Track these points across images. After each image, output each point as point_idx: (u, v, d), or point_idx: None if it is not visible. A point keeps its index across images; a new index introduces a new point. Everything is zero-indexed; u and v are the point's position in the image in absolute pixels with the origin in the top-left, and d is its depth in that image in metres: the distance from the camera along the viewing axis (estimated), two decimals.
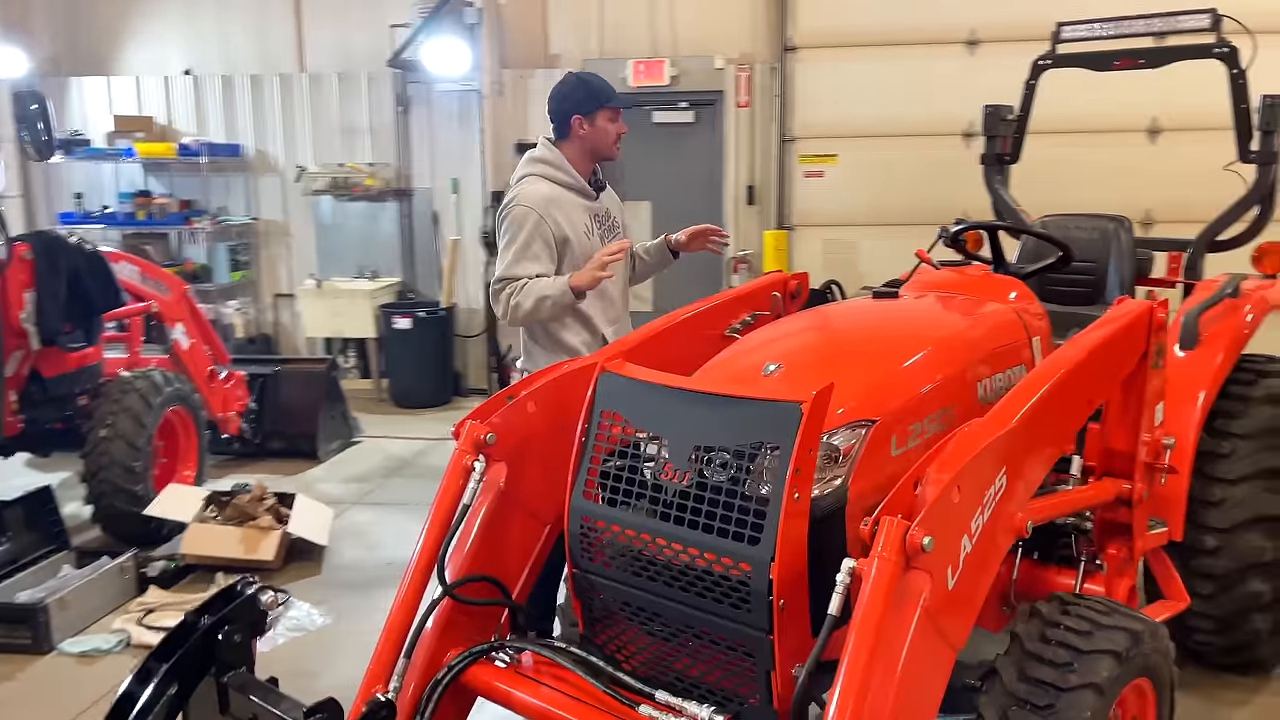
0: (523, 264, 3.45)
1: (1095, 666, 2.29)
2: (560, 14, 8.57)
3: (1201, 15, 4.14)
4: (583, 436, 2.53)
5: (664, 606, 2.36)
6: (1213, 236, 4.16)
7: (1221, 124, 7.55)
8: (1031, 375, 2.41)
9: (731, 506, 2.22)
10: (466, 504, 2.55)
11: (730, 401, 2.31)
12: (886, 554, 1.88)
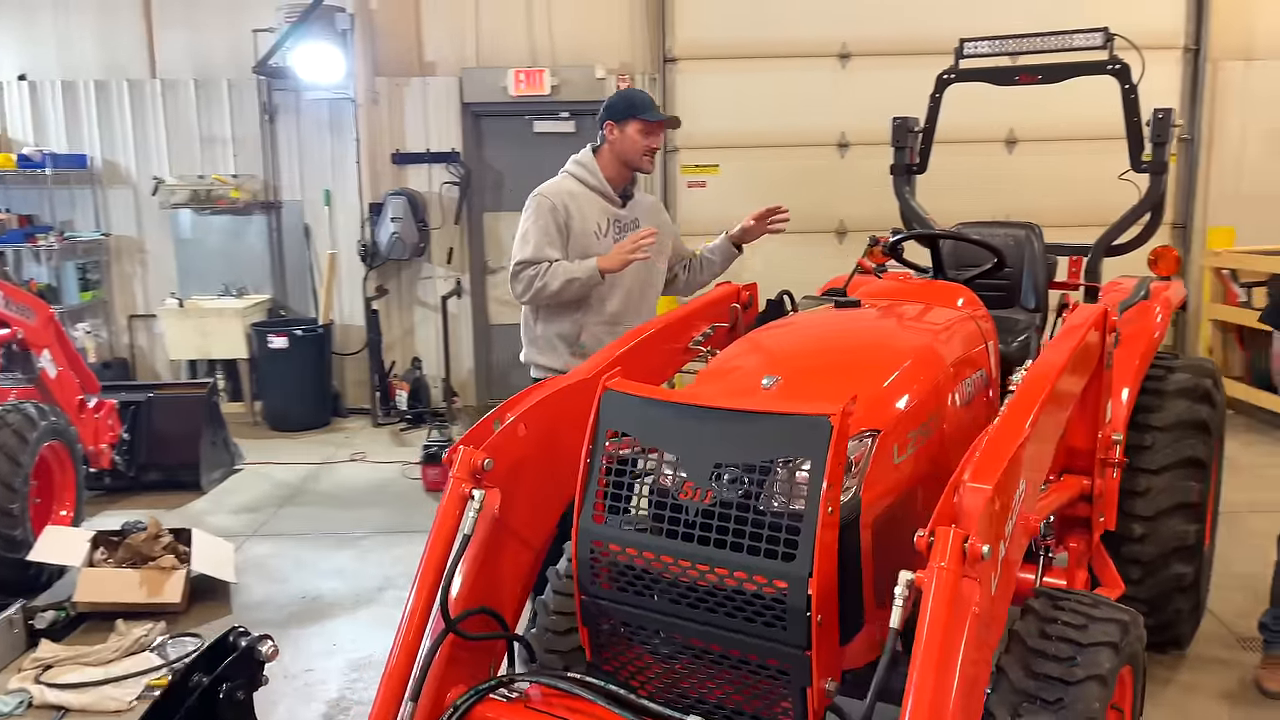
0: (544, 249, 3.74)
1: (1097, 658, 2.38)
2: (434, 21, 8.36)
3: (1094, 34, 4.41)
4: (588, 458, 2.46)
5: (687, 629, 2.31)
6: (1110, 242, 4.42)
7: (1068, 135, 8.24)
8: (1029, 381, 2.48)
9: (761, 523, 2.20)
10: (467, 535, 2.42)
11: (751, 417, 2.29)
12: (946, 564, 1.89)
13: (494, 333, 8.80)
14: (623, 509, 2.39)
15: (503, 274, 8.70)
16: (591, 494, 2.44)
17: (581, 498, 2.45)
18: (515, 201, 8.42)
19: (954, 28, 8.05)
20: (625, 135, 3.86)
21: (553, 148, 8.49)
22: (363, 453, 7.24)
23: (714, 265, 4.21)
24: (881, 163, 8.26)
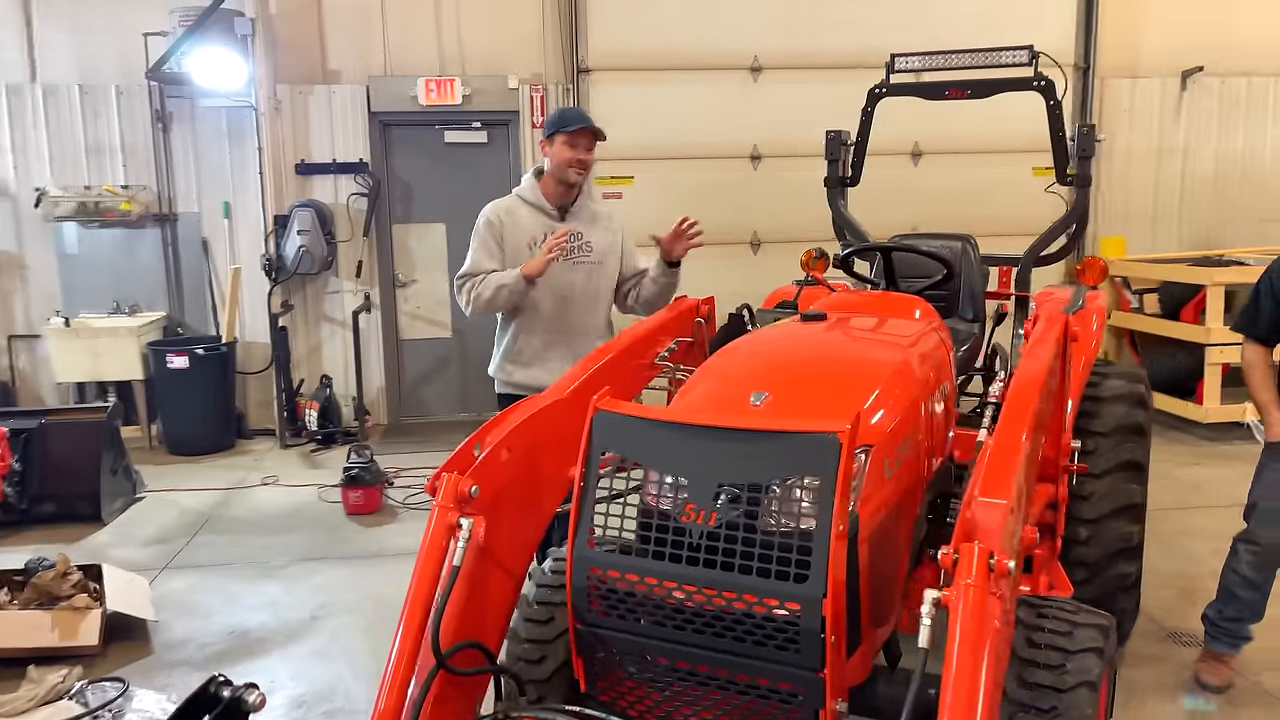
0: (480, 261, 3.99)
1: (1085, 664, 2.41)
2: (338, 28, 8.10)
3: (1020, 51, 4.53)
4: (581, 481, 2.37)
5: (692, 655, 2.25)
6: (1039, 253, 4.55)
7: (971, 149, 8.50)
8: (1017, 393, 2.50)
9: (770, 544, 2.16)
10: (457, 566, 2.30)
11: (756, 435, 2.24)
12: (973, 581, 1.88)
13: (405, 348, 8.57)
14: (621, 533, 2.31)
15: (414, 287, 8.52)
16: (586, 519, 2.35)
17: (575, 523, 2.36)
18: (426, 213, 8.37)
19: (862, 43, 8.33)
20: (554, 151, 4.01)
21: (464, 158, 8.37)
22: (274, 476, 6.93)
23: (656, 285, 4.12)
24: (793, 175, 8.50)
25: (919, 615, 1.88)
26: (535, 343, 4.03)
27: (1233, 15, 8.85)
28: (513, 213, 4.06)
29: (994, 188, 8.62)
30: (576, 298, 4.04)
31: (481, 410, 8.64)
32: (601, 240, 4.10)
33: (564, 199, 4.07)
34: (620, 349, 3.11)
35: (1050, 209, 9.15)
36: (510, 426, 2.56)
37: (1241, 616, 3.86)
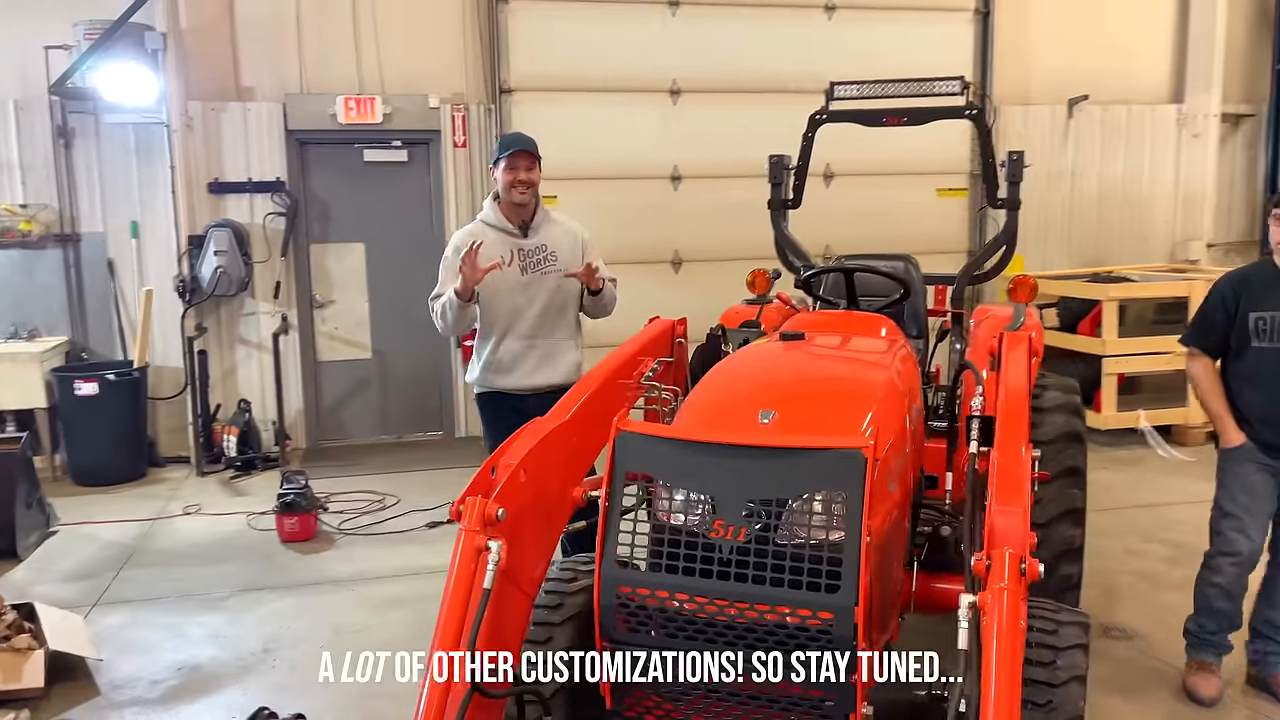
0: (445, 284, 4.21)
1: (1074, 660, 2.58)
2: (251, 44, 7.92)
3: (953, 81, 4.78)
4: (606, 500, 2.43)
5: (724, 665, 2.32)
6: (973, 272, 4.80)
7: (878, 171, 8.84)
8: (1009, 407, 2.67)
9: (801, 556, 2.25)
10: (488, 589, 2.32)
11: (780, 452, 2.34)
12: (1007, 585, 2.01)
13: (323, 370, 8.39)
14: (651, 551, 2.37)
15: (332, 308, 8.37)
16: (613, 538, 2.41)
17: (602, 543, 2.41)
18: (344, 232, 8.26)
19: (777, 70, 8.61)
20: (499, 176, 4.33)
21: (384, 177, 8.29)
22: (196, 505, 6.69)
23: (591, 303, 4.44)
24: (713, 195, 8.71)
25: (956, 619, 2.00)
26: (514, 349, 4.29)
27: (1112, 48, 9.47)
28: (478, 237, 4.22)
29: (900, 208, 9.00)
30: (547, 304, 4.31)
31: (403, 432, 8.55)
32: (565, 250, 4.37)
33: (522, 217, 4.36)
34: (609, 371, 3.17)
35: (954, 228, 9.66)
36: (525, 449, 2.60)
37: (1221, 628, 4.00)
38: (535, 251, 4.32)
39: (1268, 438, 3.82)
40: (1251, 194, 10.14)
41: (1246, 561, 3.90)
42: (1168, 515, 6.15)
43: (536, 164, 4.33)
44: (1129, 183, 9.71)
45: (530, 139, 4.38)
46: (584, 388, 3.01)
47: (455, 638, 2.29)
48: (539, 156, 4.34)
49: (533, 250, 4.33)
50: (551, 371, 4.33)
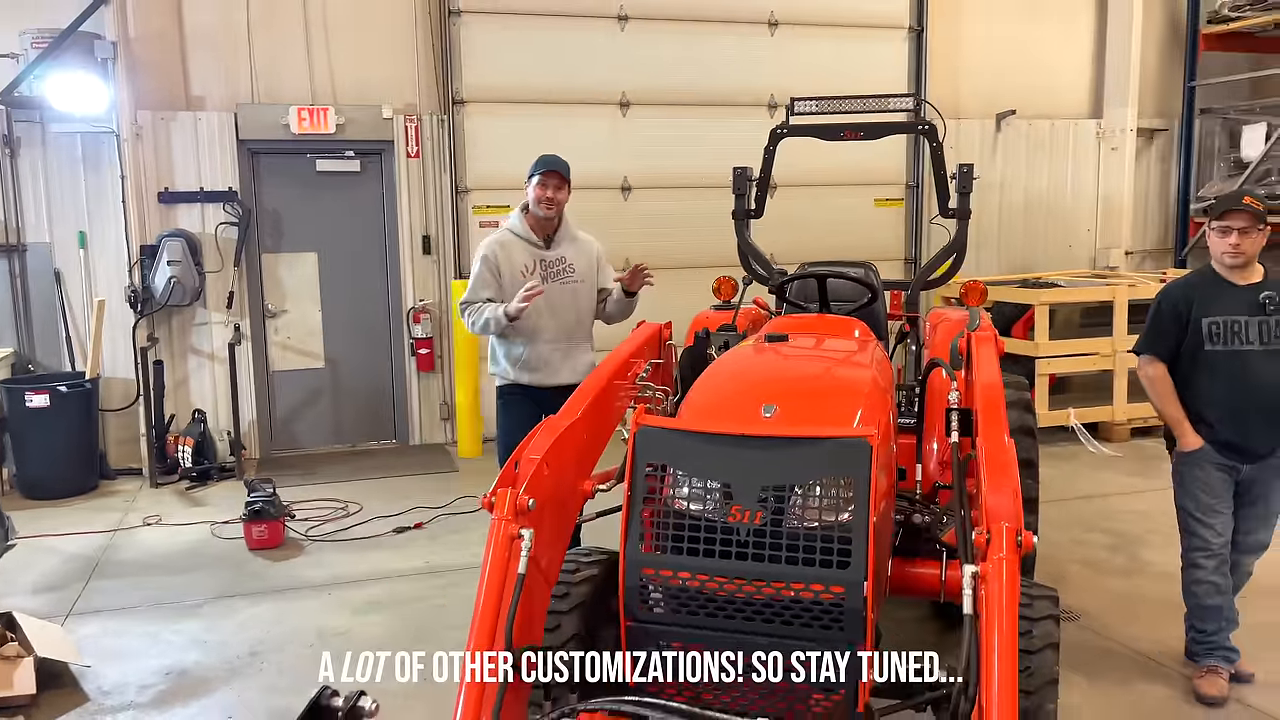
0: (477, 290, 4.61)
1: (1047, 629, 2.84)
2: (201, 54, 7.90)
3: (907, 98, 5.08)
4: (629, 491, 2.60)
5: (743, 640, 2.51)
6: (926, 278, 5.09)
7: (818, 182, 9.15)
8: (989, 399, 2.92)
9: (814, 536, 2.46)
10: (522, 574, 2.47)
11: (791, 442, 2.55)
12: (1005, 555, 2.24)
13: (276, 379, 8.38)
14: (673, 536, 2.55)
15: (285, 318, 8.37)
16: (636, 524, 2.58)
17: (626, 529, 2.58)
18: (297, 242, 8.29)
19: (723, 84, 8.89)
20: (530, 192, 4.68)
21: (337, 187, 8.33)
22: (156, 516, 6.65)
23: (619, 306, 4.86)
24: (661, 205, 8.94)
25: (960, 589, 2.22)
26: (542, 351, 4.65)
27: (1036, 66, 9.97)
28: (505, 246, 4.65)
29: (840, 218, 9.34)
30: (569, 311, 4.70)
31: (356, 441, 8.58)
32: (582, 262, 4.76)
33: (547, 230, 4.71)
34: (610, 373, 3.35)
35: (891, 237, 10.03)
36: (547, 445, 2.76)
37: (1220, 627, 4.09)
38: (556, 262, 4.68)
39: (1225, 437, 3.97)
40: (1165, 204, 10.74)
41: (1220, 555, 4.05)
42: (1105, 506, 6.53)
43: (566, 184, 4.68)
44: (1053, 193, 10.21)
45: (564, 161, 4.71)
46: (589, 388, 3.18)
47: (493, 620, 2.44)
48: (569, 178, 4.68)
49: (554, 261, 4.68)
50: (571, 371, 4.66)
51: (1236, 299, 3.91)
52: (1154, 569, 5.43)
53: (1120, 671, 4.27)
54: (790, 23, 9.04)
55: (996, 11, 9.80)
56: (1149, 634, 4.60)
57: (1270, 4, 9.42)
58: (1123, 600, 5.00)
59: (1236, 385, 3.91)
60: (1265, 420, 3.91)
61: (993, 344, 3.49)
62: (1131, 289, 8.42)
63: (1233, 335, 3.90)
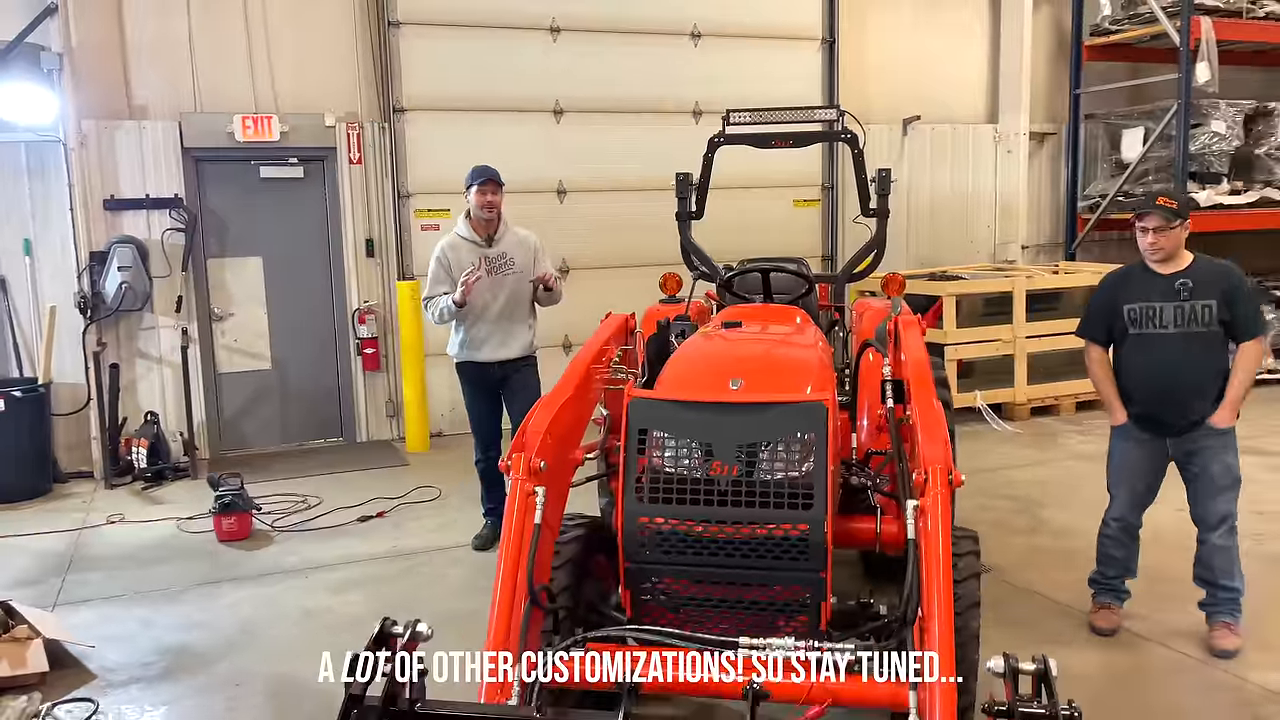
0: (434, 286, 5.62)
1: (970, 562, 3.40)
2: (143, 63, 8.06)
3: (831, 109, 5.63)
4: (624, 453, 3.07)
5: (724, 574, 3.00)
6: (850, 272, 5.66)
7: (741, 184, 9.73)
8: (917, 371, 3.47)
9: (783, 484, 2.96)
10: (538, 524, 2.91)
11: (762, 407, 3.05)
12: (940, 491, 2.77)
13: (224, 381, 8.58)
14: (663, 489, 3.02)
15: (231, 321, 8.59)
16: (631, 480, 3.06)
17: (623, 484, 3.05)
18: (242, 247, 8.55)
19: (651, 91, 9.38)
20: (471, 199, 5.64)
21: (280, 193, 8.58)
22: (119, 514, 6.84)
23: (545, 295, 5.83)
24: (595, 208, 9.41)
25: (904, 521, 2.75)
26: (484, 331, 5.63)
27: (937, 75, 10.73)
28: (455, 247, 5.63)
29: (761, 218, 9.92)
30: (507, 298, 5.63)
31: (304, 440, 8.83)
32: (520, 257, 5.72)
33: (488, 231, 5.65)
34: (590, 357, 3.81)
35: (808, 236, 10.64)
36: (549, 417, 3.20)
37: (1119, 574, 4.64)
38: (498, 258, 5.62)
39: (1144, 412, 4.39)
40: (1056, 202, 11.62)
41: (1128, 519, 4.54)
42: (1009, 476, 7.23)
43: (500, 190, 5.64)
44: (955, 193, 10.99)
45: (495, 170, 5.70)
46: (575, 370, 3.63)
47: (516, 562, 2.88)
48: (502, 184, 5.67)
49: (495, 257, 5.61)
50: (510, 348, 5.68)
51: (1156, 286, 4.32)
52: (1051, 526, 6.12)
53: (1025, 610, 4.89)
54: (712, 34, 9.58)
55: (900, 25, 10.53)
56: (1048, 579, 5.24)
57: (1146, 18, 10.33)
58: (1026, 553, 5.64)
59: (1154, 365, 4.32)
60: (1179, 397, 4.30)
61: (917, 327, 4.05)
62: (1029, 280, 9.21)
63: (1148, 319, 4.33)
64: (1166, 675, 4.23)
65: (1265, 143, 10.42)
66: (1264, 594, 4.78)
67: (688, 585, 3.04)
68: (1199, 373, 4.29)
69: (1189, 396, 4.32)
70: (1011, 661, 2.32)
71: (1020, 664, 2.32)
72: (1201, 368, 4.29)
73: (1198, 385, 4.31)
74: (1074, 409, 9.29)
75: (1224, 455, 4.33)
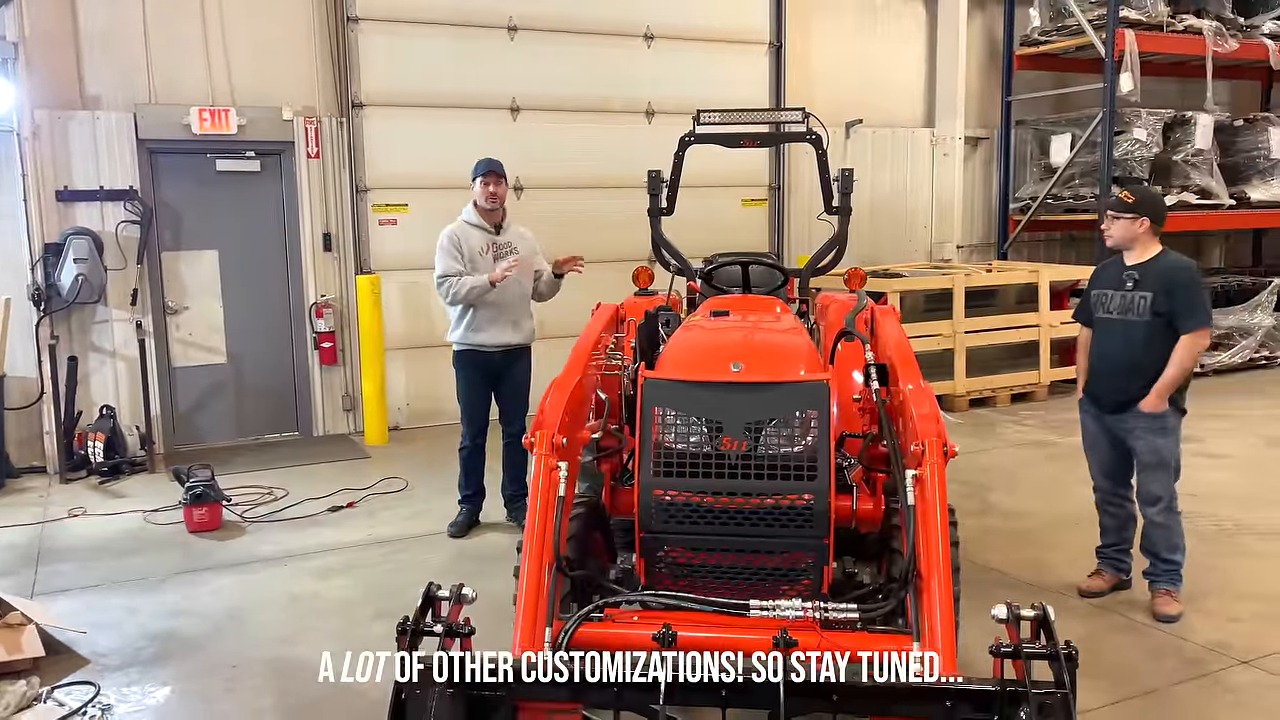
0: (451, 265, 5.73)
1: (954, 533, 3.66)
2: (96, 53, 7.98)
3: (796, 111, 5.87)
4: (640, 430, 3.26)
5: (734, 542, 3.22)
6: (815, 266, 5.92)
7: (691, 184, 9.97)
8: (900, 353, 3.73)
9: (789, 457, 3.19)
10: (562, 497, 3.09)
11: (769, 386, 3.27)
12: (936, 461, 3.03)
13: (179, 375, 8.53)
14: (677, 463, 3.22)
15: (186, 314, 8.53)
16: (647, 455, 3.26)
17: (639, 459, 3.24)
18: (198, 240, 8.53)
19: (605, 92, 9.57)
20: (475, 190, 5.90)
21: (237, 187, 8.56)
22: (81, 507, 6.79)
23: (549, 285, 6.15)
24: (551, 205, 9.56)
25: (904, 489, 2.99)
26: (488, 315, 5.83)
27: (878, 81, 11.14)
28: (465, 232, 5.87)
29: (711, 216, 10.17)
30: (514, 285, 5.84)
31: (260, 434, 8.81)
32: (523, 248, 6.00)
33: (495, 220, 5.94)
34: (590, 344, 4.00)
35: (756, 233, 10.91)
36: (565, 398, 3.38)
37: (1113, 543, 4.96)
38: (505, 245, 5.92)
39: (1089, 390, 4.87)
40: (989, 204, 12.13)
41: (1103, 486, 4.93)
42: (952, 464, 7.43)
43: (503, 181, 5.92)
44: (895, 194, 11.41)
45: (499, 162, 5.96)
46: (580, 355, 3.82)
47: (543, 532, 3.05)
48: (504, 175, 5.94)
49: (503, 244, 5.93)
50: (513, 334, 5.93)
51: (1115, 275, 4.76)
52: (1000, 509, 6.48)
53: (980, 587, 5.18)
54: (665, 36, 9.81)
55: (843, 31, 10.92)
56: (1000, 557, 5.58)
57: (1073, 30, 10.86)
58: (980, 534, 5.97)
59: (1100, 347, 4.81)
60: (1112, 376, 4.74)
61: (894, 315, 4.32)
62: (968, 278, 9.64)
63: (1102, 305, 4.79)
64: (1115, 637, 4.56)
65: (1182, 150, 11.03)
66: (1201, 566, 5.17)
67: (699, 553, 3.25)
68: (1133, 358, 4.65)
69: (1121, 379, 4.70)
70: (1014, 609, 2.57)
71: (1021, 611, 2.58)
72: (1136, 353, 4.64)
73: (1130, 369, 4.66)
74: (1009, 400, 9.76)
75: (1153, 438, 4.69)
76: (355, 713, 3.84)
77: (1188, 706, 3.92)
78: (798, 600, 3.03)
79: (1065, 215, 11.29)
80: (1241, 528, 6.00)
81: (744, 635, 2.89)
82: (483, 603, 2.87)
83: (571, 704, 2.64)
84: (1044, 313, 9.89)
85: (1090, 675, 4.18)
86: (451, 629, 2.61)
